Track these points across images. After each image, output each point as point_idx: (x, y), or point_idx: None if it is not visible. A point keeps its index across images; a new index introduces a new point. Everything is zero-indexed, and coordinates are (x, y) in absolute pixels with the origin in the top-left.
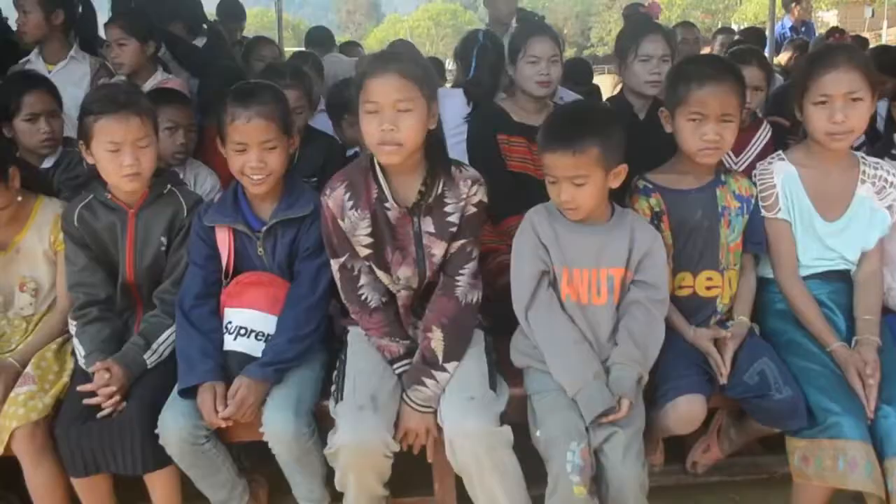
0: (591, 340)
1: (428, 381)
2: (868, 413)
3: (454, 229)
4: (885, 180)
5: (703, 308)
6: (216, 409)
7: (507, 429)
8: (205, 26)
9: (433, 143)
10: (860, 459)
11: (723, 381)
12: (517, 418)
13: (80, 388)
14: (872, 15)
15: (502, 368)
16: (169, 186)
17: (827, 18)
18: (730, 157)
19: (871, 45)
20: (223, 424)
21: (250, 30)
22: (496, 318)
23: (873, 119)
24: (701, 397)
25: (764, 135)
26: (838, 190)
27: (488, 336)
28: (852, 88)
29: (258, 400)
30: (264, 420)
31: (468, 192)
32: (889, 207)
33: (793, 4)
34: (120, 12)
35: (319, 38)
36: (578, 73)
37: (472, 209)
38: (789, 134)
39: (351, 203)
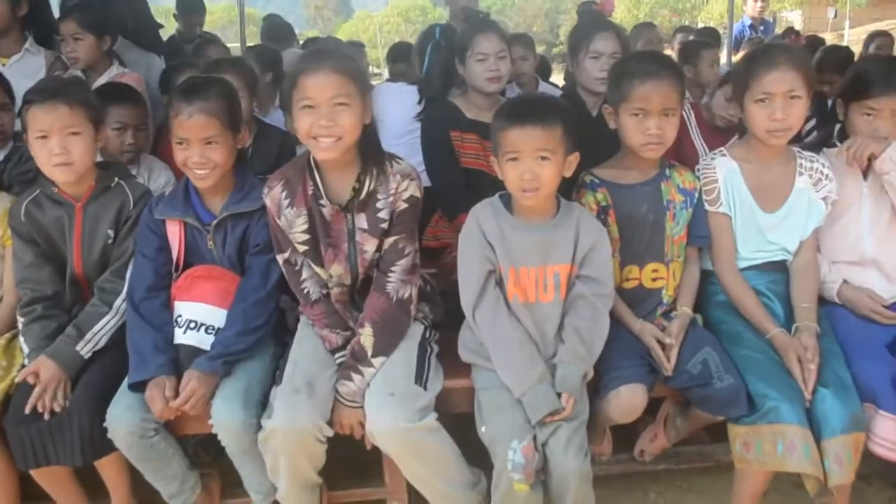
0: (538, 338)
1: (354, 377)
2: (806, 396)
3: (385, 225)
4: (821, 172)
5: (649, 299)
6: (165, 402)
7: (429, 420)
8: None
9: (367, 139)
10: (798, 443)
11: (667, 374)
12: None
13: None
14: (835, 15)
15: (449, 360)
16: (116, 179)
17: (791, 18)
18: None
19: (831, 46)
20: (172, 416)
21: (217, 25)
22: (449, 312)
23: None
24: (642, 387)
25: None
26: (778, 183)
27: (431, 329)
28: (792, 87)
29: (208, 392)
30: (213, 412)
31: (397, 188)
32: (824, 199)
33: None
34: (75, 6)
35: (280, 32)
36: (537, 69)
37: (403, 205)
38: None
39: (287, 201)
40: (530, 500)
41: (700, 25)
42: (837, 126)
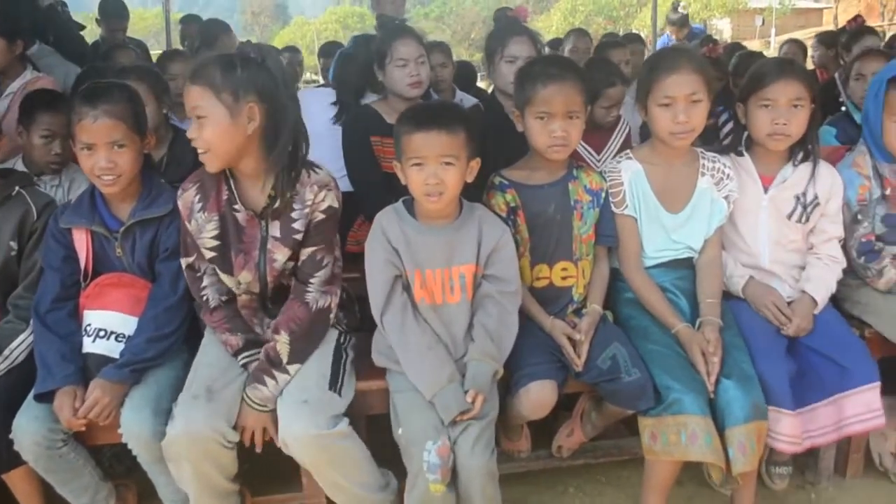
0: (447, 340)
1: (268, 381)
2: (709, 387)
3: (299, 236)
4: (723, 172)
5: (559, 297)
6: (74, 412)
7: (342, 426)
8: None
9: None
10: (700, 432)
11: (578, 369)
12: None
13: None
14: (763, 23)
15: (366, 362)
16: (16, 188)
17: (721, 26)
18: (592, 155)
19: (747, 51)
20: (80, 427)
21: (150, 31)
22: (366, 315)
23: None
24: (552, 383)
25: (622, 131)
26: (681, 184)
27: (348, 335)
28: (693, 90)
29: (114, 401)
30: (122, 421)
31: (314, 199)
32: (726, 198)
33: (672, 28)
34: None
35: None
36: (462, 76)
37: (321, 216)
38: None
39: (200, 205)
40: (446, 501)
41: (634, 32)
42: (745, 134)
